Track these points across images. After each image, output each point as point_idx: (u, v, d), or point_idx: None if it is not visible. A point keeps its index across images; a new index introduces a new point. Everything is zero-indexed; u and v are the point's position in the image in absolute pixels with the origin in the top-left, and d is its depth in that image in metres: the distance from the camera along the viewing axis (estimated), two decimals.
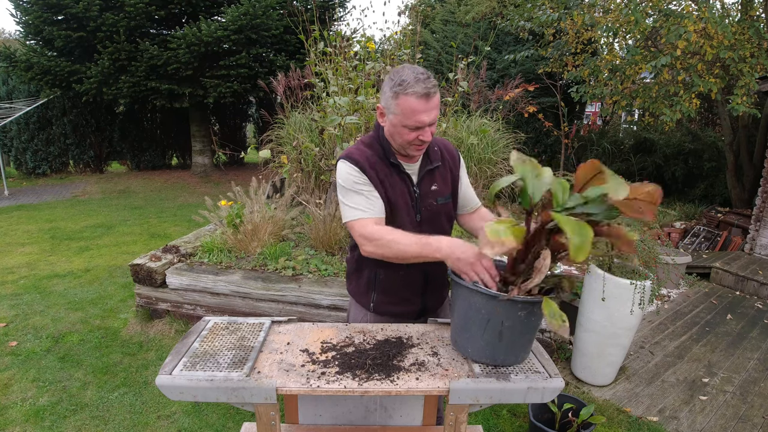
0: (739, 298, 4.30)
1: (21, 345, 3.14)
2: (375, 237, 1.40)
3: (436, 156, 1.58)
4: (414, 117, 1.37)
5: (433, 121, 1.41)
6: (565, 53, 6.87)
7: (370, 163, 1.48)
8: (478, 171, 4.36)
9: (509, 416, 2.51)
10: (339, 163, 1.51)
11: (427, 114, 1.37)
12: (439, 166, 1.58)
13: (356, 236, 1.46)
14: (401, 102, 1.36)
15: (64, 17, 8.23)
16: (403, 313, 1.64)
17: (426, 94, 1.35)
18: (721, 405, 2.66)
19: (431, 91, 1.35)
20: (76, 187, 9.30)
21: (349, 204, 1.47)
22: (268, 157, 4.43)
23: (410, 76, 1.36)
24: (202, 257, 3.48)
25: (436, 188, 1.56)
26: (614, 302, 2.52)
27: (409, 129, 1.40)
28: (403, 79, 1.36)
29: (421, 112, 1.36)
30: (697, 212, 6.72)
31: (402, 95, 1.36)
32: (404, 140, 1.43)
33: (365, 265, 1.62)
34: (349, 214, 1.47)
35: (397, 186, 1.51)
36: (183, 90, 8.48)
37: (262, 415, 1.24)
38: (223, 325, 1.48)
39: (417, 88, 1.34)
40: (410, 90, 1.34)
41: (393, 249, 1.38)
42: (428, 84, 1.35)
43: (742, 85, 4.38)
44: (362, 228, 1.43)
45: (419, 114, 1.36)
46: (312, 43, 3.85)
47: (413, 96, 1.35)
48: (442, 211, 1.59)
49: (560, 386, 1.24)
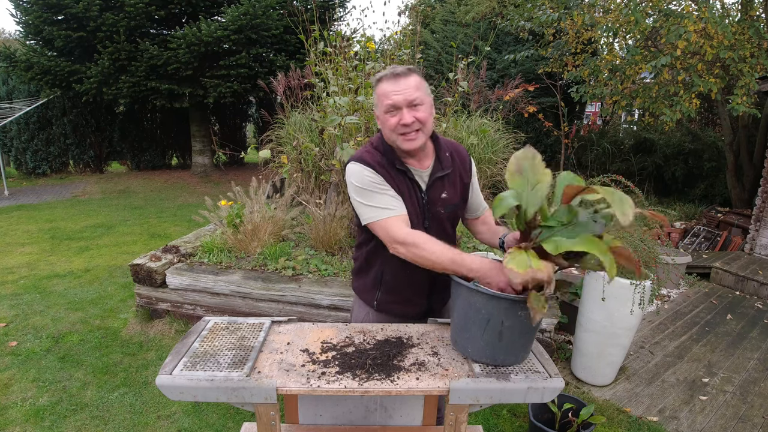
0: (739, 298, 4.30)
1: (21, 345, 3.14)
2: (410, 242, 1.38)
3: (448, 162, 1.56)
4: (386, 100, 1.42)
5: (410, 102, 1.40)
6: (565, 53, 6.87)
7: (382, 166, 1.47)
8: (478, 171, 4.36)
9: (509, 416, 2.51)
10: (351, 166, 1.49)
11: (398, 94, 1.40)
12: (449, 173, 1.56)
13: (385, 236, 1.43)
14: (377, 91, 1.45)
15: (64, 17, 8.23)
16: (407, 314, 1.62)
17: (394, 74, 1.41)
18: (721, 405, 2.66)
19: (400, 72, 1.41)
20: (76, 187, 9.30)
21: (371, 204, 1.44)
22: (268, 157, 4.42)
23: (387, 70, 1.45)
24: (202, 257, 3.48)
25: (446, 196, 1.55)
26: (614, 302, 2.52)
27: (389, 114, 1.43)
28: (380, 74, 1.46)
29: (391, 92, 1.41)
30: (697, 212, 6.73)
31: (377, 86, 1.45)
32: (390, 131, 1.44)
33: (373, 263, 1.61)
34: (374, 215, 1.44)
35: (405, 192, 1.49)
36: (183, 90, 8.48)
37: (262, 415, 1.24)
38: (223, 325, 1.48)
39: (386, 73, 1.43)
40: (382, 77, 1.44)
41: (426, 258, 1.36)
42: (398, 69, 1.42)
43: (742, 85, 4.39)
44: (394, 229, 1.41)
45: (390, 95, 1.41)
46: (312, 43, 3.85)
47: (384, 81, 1.43)
48: (448, 217, 1.58)
49: (560, 386, 1.24)
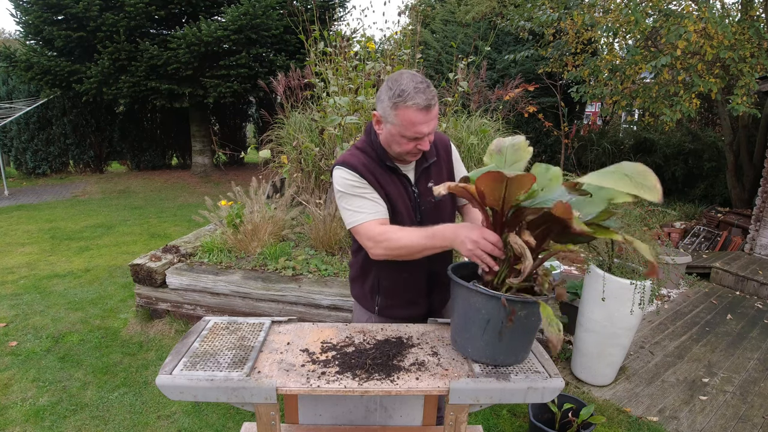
0: (739, 298, 4.30)
1: (21, 345, 3.14)
2: (382, 238, 1.38)
3: (432, 152, 1.54)
4: (413, 128, 1.34)
5: (432, 131, 1.38)
6: (565, 53, 6.88)
7: (367, 167, 1.46)
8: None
9: (509, 416, 2.51)
10: (334, 171, 1.48)
11: (427, 125, 1.34)
12: (434, 162, 1.55)
13: (363, 240, 1.43)
14: (400, 113, 1.33)
15: (64, 17, 8.23)
16: (410, 316, 1.60)
17: (427, 105, 1.31)
18: (721, 405, 2.66)
19: (431, 102, 1.32)
20: (76, 187, 9.30)
21: (350, 208, 1.44)
22: (268, 157, 4.43)
23: (410, 85, 1.31)
24: (202, 257, 3.48)
25: (432, 185, 1.52)
26: (614, 302, 2.52)
27: (408, 139, 1.37)
28: (403, 89, 1.31)
29: (421, 123, 1.33)
30: (697, 212, 6.73)
31: (401, 107, 1.31)
32: (402, 149, 1.41)
33: (369, 269, 1.60)
34: (352, 219, 1.44)
35: (396, 188, 1.48)
36: (183, 90, 8.48)
37: (262, 415, 1.24)
38: (223, 325, 1.48)
39: (417, 99, 1.30)
40: (410, 102, 1.30)
41: (402, 246, 1.35)
42: (428, 95, 1.31)
43: (742, 85, 4.38)
44: (368, 230, 1.41)
45: (419, 125, 1.33)
46: (312, 43, 3.85)
47: (413, 108, 1.31)
48: (440, 206, 1.56)
49: (560, 386, 1.24)
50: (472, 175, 1.14)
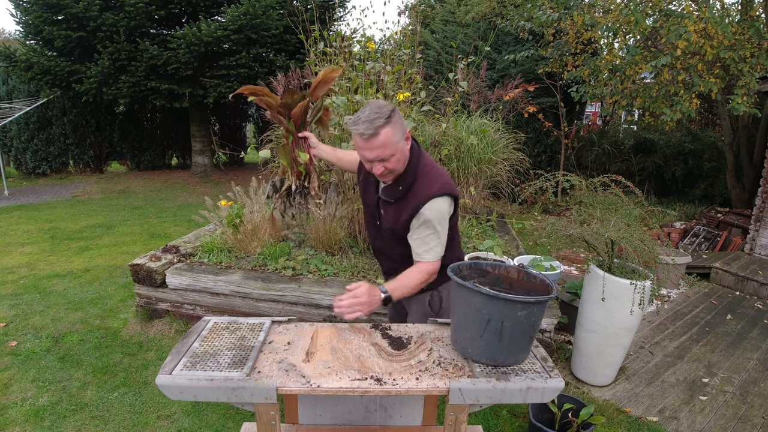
0: (739, 298, 4.30)
1: (21, 345, 3.14)
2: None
3: (398, 194, 1.62)
4: (359, 151, 1.54)
5: (380, 158, 1.51)
6: (565, 53, 6.88)
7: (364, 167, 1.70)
8: (478, 171, 4.36)
9: (509, 416, 2.51)
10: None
11: (369, 151, 1.50)
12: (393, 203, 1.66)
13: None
14: (353, 136, 1.53)
15: (64, 17, 8.22)
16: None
17: (362, 135, 1.47)
18: (721, 405, 2.66)
19: (368, 133, 1.46)
20: (76, 187, 9.30)
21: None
22: (268, 157, 4.42)
23: (363, 114, 1.48)
24: (202, 257, 3.48)
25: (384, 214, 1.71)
26: (614, 302, 2.52)
27: (364, 160, 1.56)
28: (358, 116, 1.49)
29: (362, 149, 1.51)
30: (697, 212, 6.73)
31: (353, 130, 1.50)
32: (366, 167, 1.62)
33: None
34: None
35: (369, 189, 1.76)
36: (183, 90, 8.48)
37: (262, 415, 1.24)
38: (223, 325, 1.48)
39: (360, 128, 1.47)
40: (354, 128, 1.49)
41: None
42: (371, 125, 1.45)
43: (742, 85, 4.38)
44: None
45: (361, 150, 1.52)
46: (312, 43, 3.85)
47: (357, 134, 1.49)
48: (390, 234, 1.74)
49: (560, 386, 1.24)
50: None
